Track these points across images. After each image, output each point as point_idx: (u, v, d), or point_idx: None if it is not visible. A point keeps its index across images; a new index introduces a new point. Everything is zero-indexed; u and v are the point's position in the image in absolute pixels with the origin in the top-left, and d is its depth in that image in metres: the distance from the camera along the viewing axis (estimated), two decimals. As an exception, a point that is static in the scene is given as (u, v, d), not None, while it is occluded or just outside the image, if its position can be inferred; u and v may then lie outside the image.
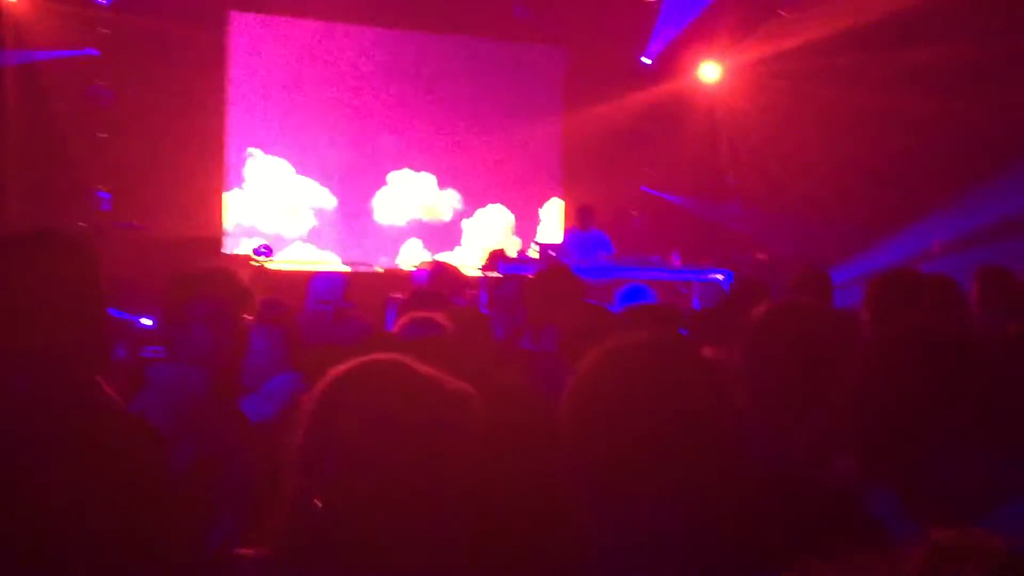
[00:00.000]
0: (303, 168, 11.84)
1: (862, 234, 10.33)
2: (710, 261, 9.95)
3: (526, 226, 12.92)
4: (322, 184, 11.92)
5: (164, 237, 9.88)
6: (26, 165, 9.74)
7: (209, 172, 11.24)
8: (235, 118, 11.53)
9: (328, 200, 11.95)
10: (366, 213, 12.17)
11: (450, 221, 12.58)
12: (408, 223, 12.33)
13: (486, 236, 12.52)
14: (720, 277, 9.32)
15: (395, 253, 12.22)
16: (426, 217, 12.44)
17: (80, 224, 9.42)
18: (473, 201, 12.69)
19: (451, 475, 1.44)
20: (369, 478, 1.39)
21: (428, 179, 12.43)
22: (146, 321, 9.30)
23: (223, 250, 11.09)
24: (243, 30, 11.60)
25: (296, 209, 11.79)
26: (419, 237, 12.39)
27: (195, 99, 10.83)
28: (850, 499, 1.70)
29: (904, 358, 1.64)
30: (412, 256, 12.09)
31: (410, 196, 12.34)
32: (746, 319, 2.30)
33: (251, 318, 2.66)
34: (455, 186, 12.60)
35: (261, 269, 9.79)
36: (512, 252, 10.95)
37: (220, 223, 11.39)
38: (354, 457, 1.40)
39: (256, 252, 10.23)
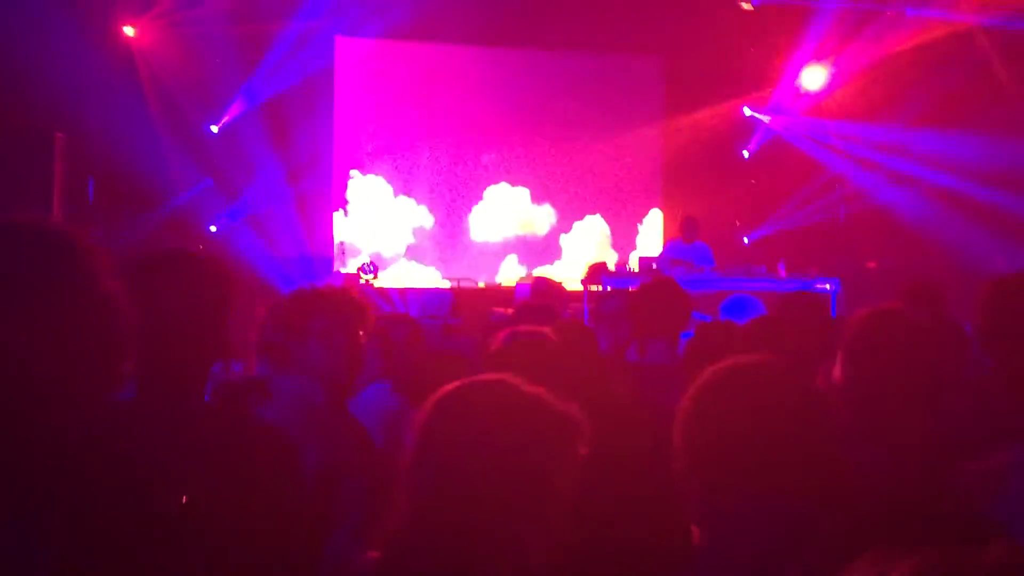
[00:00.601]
0: (403, 187, 12.10)
1: (978, 244, 9.96)
2: (817, 270, 9.73)
3: (623, 239, 12.90)
4: (420, 202, 12.16)
5: (281, 256, 10.26)
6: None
7: (318, 193, 11.60)
8: (341, 141, 11.90)
9: (426, 218, 12.18)
10: (464, 230, 12.36)
11: (547, 235, 12.66)
12: (505, 239, 12.46)
13: (584, 249, 12.54)
14: (828, 287, 9.11)
15: (494, 269, 12.35)
16: (522, 231, 12.55)
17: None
18: (570, 215, 12.74)
19: (555, 495, 1.47)
20: (472, 496, 1.43)
21: (523, 193, 12.54)
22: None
23: (334, 268, 11.42)
24: (348, 54, 11.96)
25: (395, 228, 12.06)
26: (516, 252, 12.50)
27: (305, 123, 11.20)
28: (974, 505, 1.68)
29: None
30: (511, 272, 12.22)
31: (507, 211, 12.47)
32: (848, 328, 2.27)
33: (364, 334, 2.74)
34: (551, 200, 12.67)
35: (368, 285, 10.05)
36: (612, 265, 10.93)
37: (331, 242, 11.75)
38: (459, 474, 1.45)
39: (362, 270, 10.51)
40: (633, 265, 10.53)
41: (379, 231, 12.00)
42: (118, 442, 1.67)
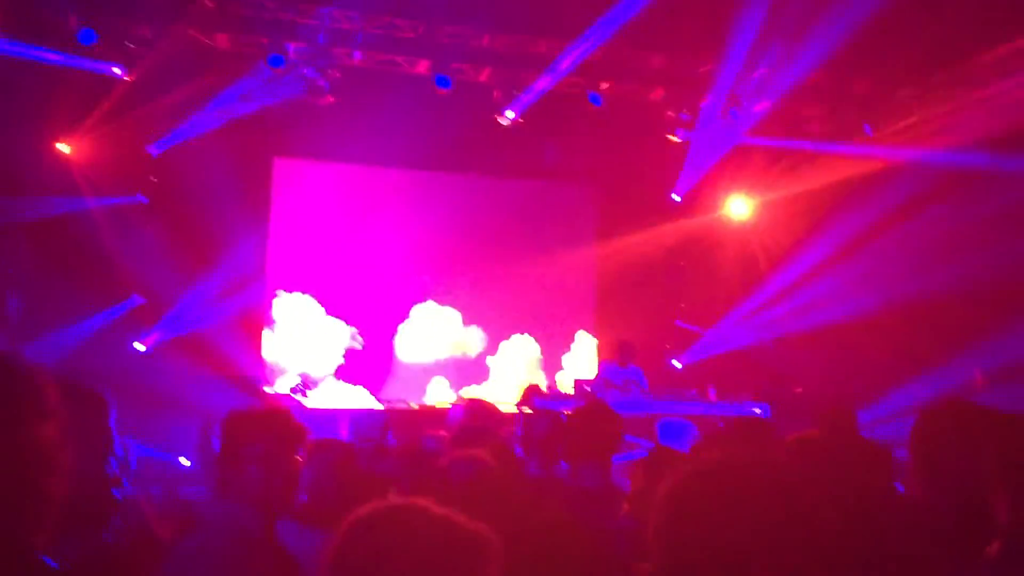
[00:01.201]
0: (333, 307, 12.06)
1: (901, 368, 10.26)
2: (747, 395, 9.89)
3: (552, 361, 12.99)
4: (350, 323, 12.11)
5: (210, 376, 10.03)
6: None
7: (250, 312, 11.47)
8: (274, 260, 11.88)
9: (356, 339, 12.12)
10: (392, 350, 12.30)
11: (475, 358, 12.68)
12: (435, 360, 12.44)
13: (513, 371, 12.58)
14: (758, 411, 9.24)
15: (421, 390, 12.27)
16: (453, 353, 12.56)
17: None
18: (498, 335, 12.81)
19: None
20: None
21: (453, 315, 12.61)
22: (184, 461, 9.36)
23: (264, 387, 11.21)
24: (285, 175, 12.06)
25: (324, 348, 11.96)
26: (445, 373, 12.47)
27: (239, 242, 11.17)
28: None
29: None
30: (439, 393, 12.16)
31: (435, 332, 12.50)
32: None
33: (301, 459, 2.68)
34: (480, 322, 12.76)
35: (299, 406, 9.86)
36: (544, 388, 10.95)
37: (261, 362, 11.56)
38: None
39: (293, 390, 10.33)
40: (566, 387, 10.56)
41: (307, 350, 11.88)
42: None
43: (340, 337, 12.07)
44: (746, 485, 1.49)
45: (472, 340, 12.71)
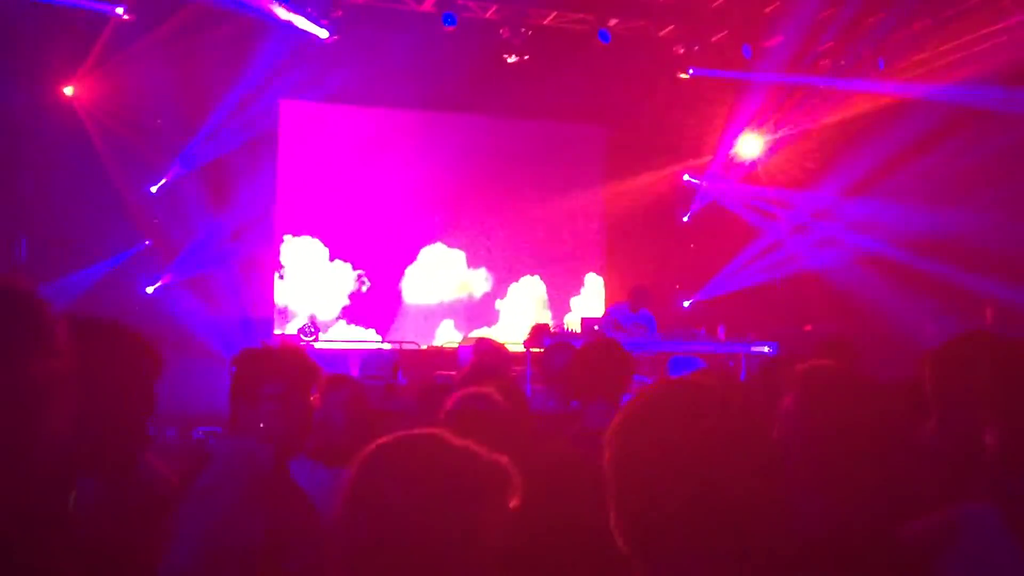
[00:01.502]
0: (341, 250, 12.06)
1: (908, 308, 10.25)
2: (756, 334, 9.90)
3: (561, 303, 13.01)
4: (356, 266, 12.11)
5: (221, 318, 10.08)
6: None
7: (259, 256, 11.48)
8: (283, 203, 11.85)
9: (362, 281, 12.13)
10: (399, 292, 12.33)
11: (482, 299, 12.70)
12: (440, 302, 12.47)
13: (521, 312, 12.61)
14: (766, 349, 9.26)
15: (430, 332, 12.32)
16: (459, 294, 12.58)
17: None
18: (507, 278, 12.82)
19: (485, 545, 1.45)
20: (403, 546, 1.42)
21: (459, 256, 12.60)
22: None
23: (274, 330, 11.27)
24: (292, 117, 11.98)
25: (331, 291, 11.98)
26: (452, 315, 12.52)
27: (247, 185, 11.13)
28: (921, 560, 1.70)
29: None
30: (447, 335, 12.21)
31: (442, 274, 12.50)
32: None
33: (315, 396, 2.69)
34: (487, 264, 12.76)
35: (309, 347, 9.92)
36: (552, 327, 10.98)
37: (271, 304, 11.61)
38: (389, 525, 1.43)
39: (303, 331, 10.38)
40: (574, 326, 10.57)
41: (315, 294, 11.90)
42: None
43: (346, 280, 12.09)
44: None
45: (478, 281, 12.72)
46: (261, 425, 2.46)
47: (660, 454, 1.41)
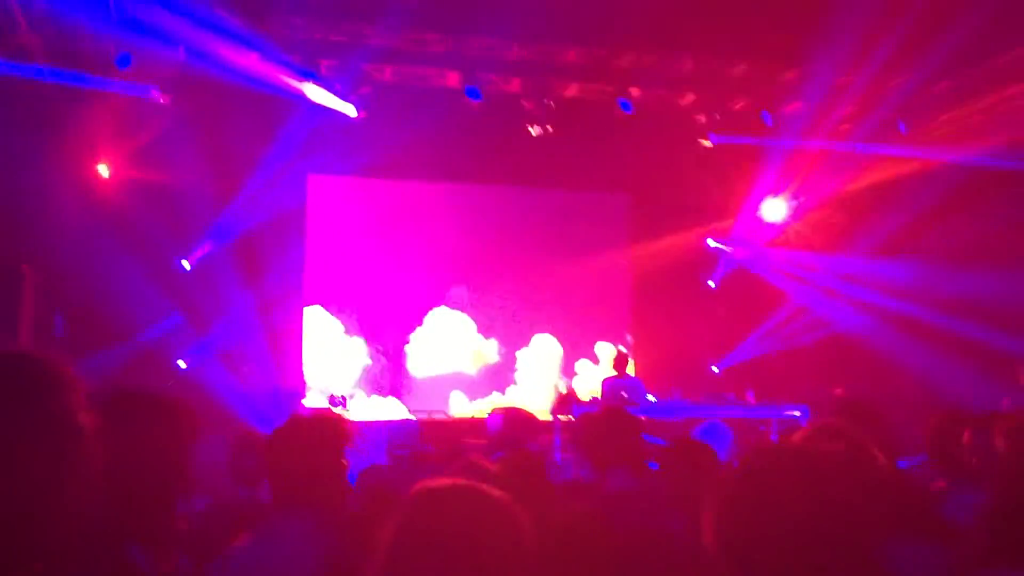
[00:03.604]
0: (361, 322, 12.12)
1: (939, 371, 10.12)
2: (786, 398, 9.81)
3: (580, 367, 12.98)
4: (376, 338, 12.18)
5: (251, 392, 10.14)
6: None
7: (287, 329, 11.58)
8: (311, 276, 12.00)
9: (376, 356, 12.18)
10: (416, 362, 12.35)
11: (496, 365, 12.68)
12: (453, 371, 12.47)
13: (539, 378, 12.58)
14: (797, 413, 9.16)
15: (444, 401, 12.28)
16: (473, 361, 12.57)
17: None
18: (520, 343, 12.82)
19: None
20: None
21: (469, 323, 12.61)
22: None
23: (303, 401, 11.31)
24: (320, 191, 12.19)
25: (347, 364, 12.02)
26: (463, 384, 12.50)
27: (276, 259, 11.30)
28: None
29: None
30: (459, 404, 12.20)
31: (455, 341, 12.51)
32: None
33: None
34: (505, 330, 12.76)
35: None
36: (583, 395, 10.93)
37: (300, 377, 11.67)
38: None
39: (331, 402, 10.42)
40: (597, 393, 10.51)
41: (332, 367, 11.96)
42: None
43: (360, 353, 12.14)
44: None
45: (490, 348, 12.72)
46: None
47: (774, 519, 1.39)
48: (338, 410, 10.26)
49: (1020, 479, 1.75)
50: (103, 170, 10.50)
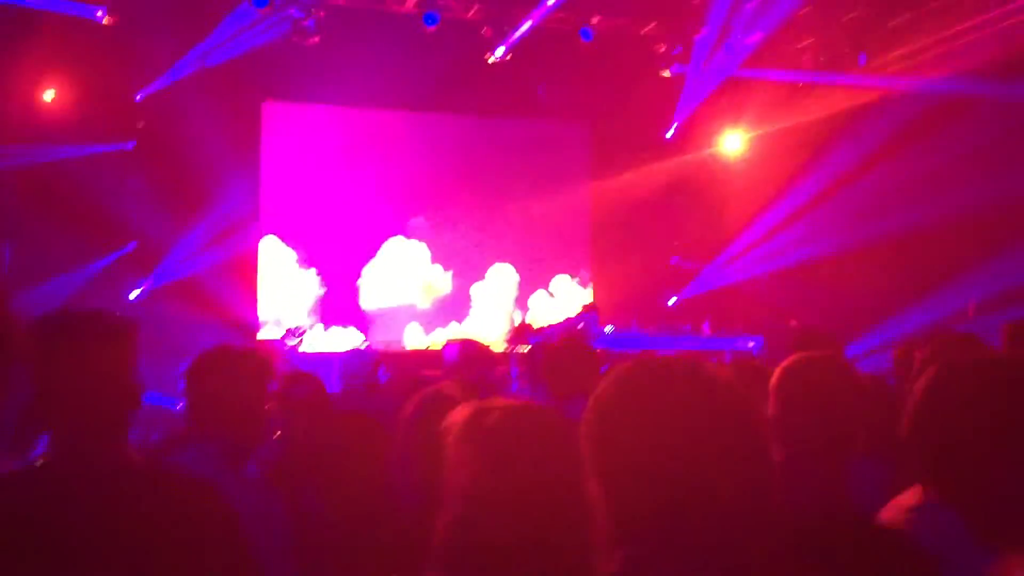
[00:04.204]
0: (313, 253, 11.99)
1: (891, 301, 10.28)
2: (742, 330, 9.93)
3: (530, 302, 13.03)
4: (330, 268, 12.06)
5: (205, 323, 10.02)
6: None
7: (242, 259, 11.41)
8: (267, 206, 11.80)
9: (322, 286, 12.09)
10: (369, 293, 12.28)
11: (450, 297, 12.65)
12: (407, 302, 12.42)
13: (495, 311, 12.59)
14: (751, 344, 9.28)
15: (399, 331, 12.26)
16: (425, 293, 12.53)
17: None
18: (477, 276, 12.79)
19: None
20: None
21: (423, 253, 12.53)
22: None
23: (259, 334, 11.24)
24: (275, 119, 11.94)
25: (301, 295, 11.93)
26: (417, 314, 12.46)
27: (230, 186, 11.08)
28: (907, 539, 1.71)
29: (972, 384, 1.73)
30: (414, 335, 12.17)
31: (408, 271, 12.43)
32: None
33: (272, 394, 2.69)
34: (460, 260, 12.69)
35: (294, 350, 9.89)
36: (537, 326, 10.97)
37: (255, 308, 11.56)
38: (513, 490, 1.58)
39: (289, 334, 10.35)
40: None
41: (285, 298, 11.86)
42: (38, 505, 1.68)
43: (313, 284, 12.02)
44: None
45: (444, 279, 12.65)
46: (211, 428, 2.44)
47: (640, 430, 1.33)
48: (294, 341, 10.22)
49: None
50: (48, 95, 10.16)
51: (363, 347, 10.71)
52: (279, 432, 3.46)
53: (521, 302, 12.86)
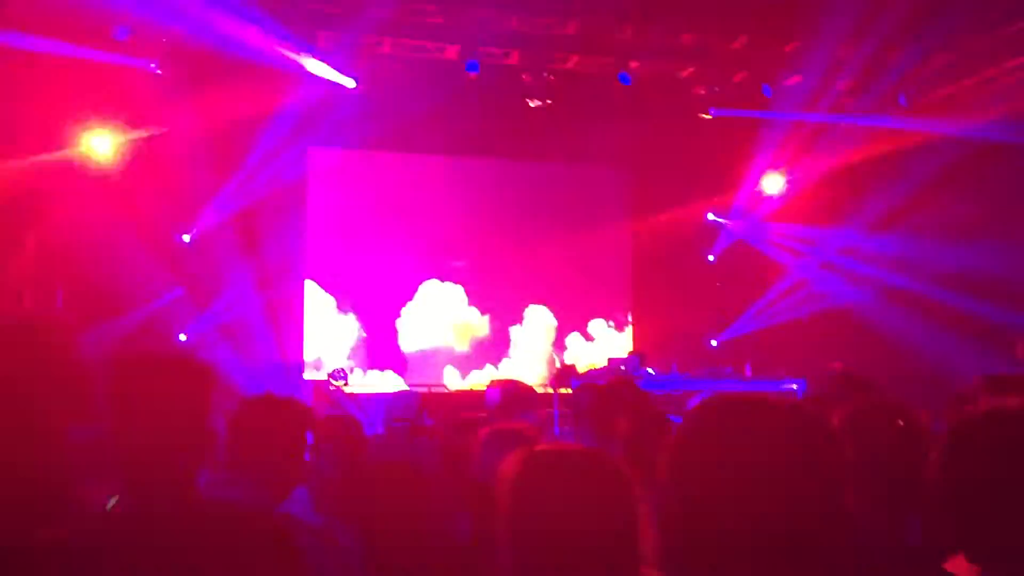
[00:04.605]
0: (356, 296, 12.12)
1: (936, 344, 10.16)
2: (784, 372, 9.85)
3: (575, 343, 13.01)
4: (369, 312, 12.17)
5: (253, 366, 10.18)
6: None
7: (288, 302, 11.60)
8: (313, 249, 12.00)
9: (374, 326, 12.20)
10: (407, 336, 12.36)
11: (487, 341, 12.68)
12: (445, 344, 12.47)
13: (533, 353, 12.58)
14: (794, 387, 9.20)
15: (438, 374, 12.31)
16: (467, 335, 12.56)
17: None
18: (516, 319, 12.82)
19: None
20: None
21: (462, 297, 12.58)
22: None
23: (304, 376, 11.37)
24: (321, 164, 12.18)
25: (341, 338, 12.05)
26: (457, 358, 12.51)
27: (277, 232, 11.30)
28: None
29: (991, 436, 1.66)
30: (451, 377, 12.21)
31: (447, 315, 12.50)
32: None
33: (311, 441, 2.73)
34: (498, 305, 12.74)
35: (339, 392, 9.99)
36: (581, 368, 10.98)
37: (301, 351, 11.72)
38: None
39: (333, 376, 10.47)
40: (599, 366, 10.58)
41: (326, 341, 11.99)
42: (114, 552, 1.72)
43: (352, 327, 12.15)
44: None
45: (480, 322, 12.68)
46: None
47: (719, 459, 1.37)
48: (338, 383, 10.32)
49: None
50: (102, 144, 10.46)
51: (406, 389, 10.80)
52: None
53: (558, 345, 12.87)
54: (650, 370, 9.98)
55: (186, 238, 11.06)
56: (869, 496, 2.19)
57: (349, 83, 10.41)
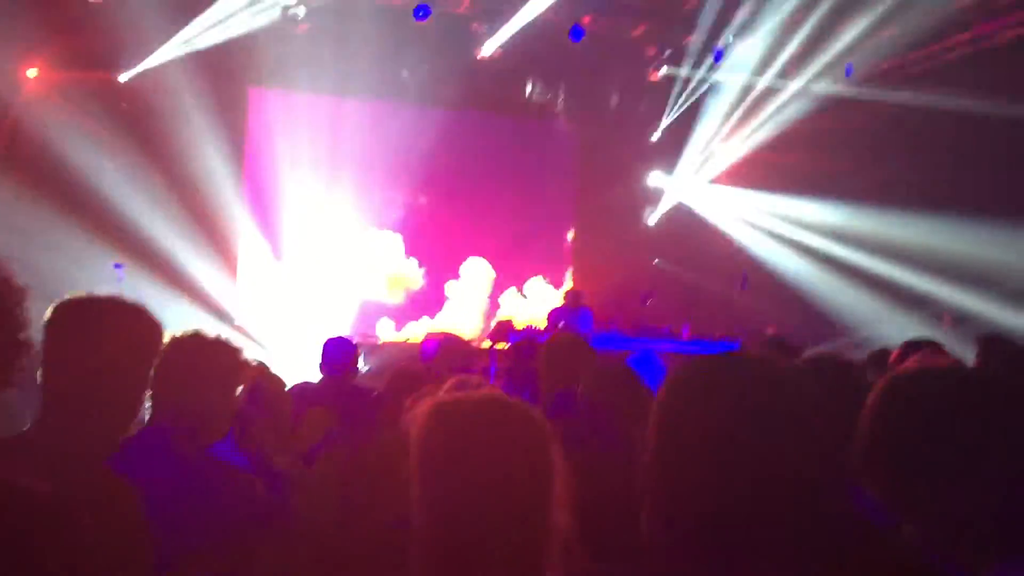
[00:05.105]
0: (288, 245, 11.86)
1: (869, 312, 10.38)
2: (720, 334, 9.97)
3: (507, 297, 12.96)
4: (300, 263, 11.94)
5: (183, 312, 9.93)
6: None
7: (223, 242, 11.33)
8: (247, 189, 11.70)
9: (311, 275, 11.97)
10: (345, 284, 12.13)
11: (421, 291, 12.50)
12: (380, 295, 12.26)
13: (470, 306, 12.48)
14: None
15: (372, 325, 12.02)
16: (401, 287, 12.37)
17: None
18: (452, 269, 12.68)
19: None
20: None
21: (399, 247, 12.35)
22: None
23: (235, 322, 11.14)
24: (259, 104, 11.84)
25: (279, 286, 11.85)
26: (391, 308, 12.38)
27: (212, 170, 10.99)
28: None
29: (920, 393, 1.63)
30: (386, 327, 12.05)
31: (380, 265, 12.30)
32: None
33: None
34: (434, 254, 12.56)
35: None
36: (518, 324, 10.95)
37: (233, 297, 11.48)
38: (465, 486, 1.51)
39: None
40: (538, 323, 10.56)
41: (262, 288, 11.74)
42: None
43: (290, 275, 11.89)
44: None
45: (414, 274, 12.48)
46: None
47: (705, 415, 1.40)
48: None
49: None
50: (30, 73, 10.04)
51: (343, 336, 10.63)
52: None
53: (494, 300, 12.74)
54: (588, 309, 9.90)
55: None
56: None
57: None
